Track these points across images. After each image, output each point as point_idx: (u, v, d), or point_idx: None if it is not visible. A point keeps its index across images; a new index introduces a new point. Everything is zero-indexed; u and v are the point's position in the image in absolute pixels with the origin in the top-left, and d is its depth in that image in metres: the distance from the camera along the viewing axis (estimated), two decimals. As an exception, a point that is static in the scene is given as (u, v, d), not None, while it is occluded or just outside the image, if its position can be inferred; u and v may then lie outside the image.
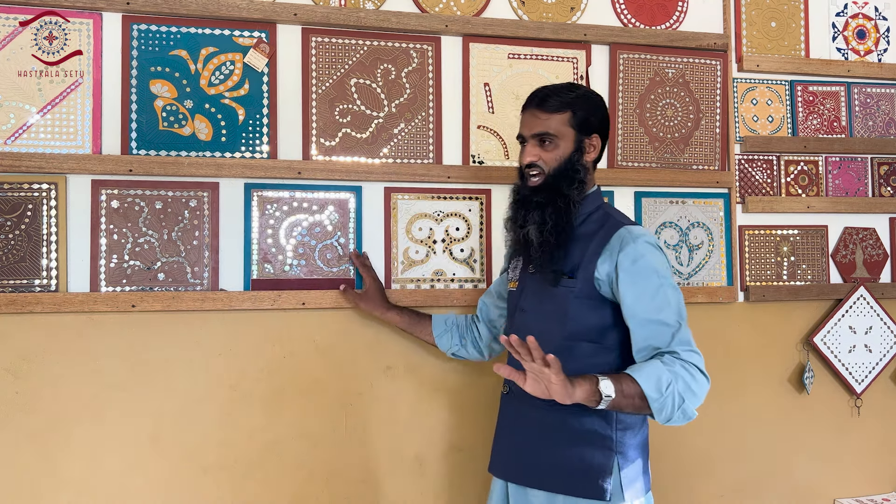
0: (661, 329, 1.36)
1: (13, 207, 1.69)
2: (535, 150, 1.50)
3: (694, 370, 1.33)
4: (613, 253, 1.42)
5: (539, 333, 1.46)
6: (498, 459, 1.60)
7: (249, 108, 1.82)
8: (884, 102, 2.27)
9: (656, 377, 1.29)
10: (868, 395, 2.20)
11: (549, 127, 1.49)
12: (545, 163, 1.50)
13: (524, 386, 1.27)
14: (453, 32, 1.93)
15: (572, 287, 1.45)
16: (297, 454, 1.81)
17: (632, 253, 1.40)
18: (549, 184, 1.49)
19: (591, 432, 1.43)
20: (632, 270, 1.39)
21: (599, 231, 1.48)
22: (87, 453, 1.69)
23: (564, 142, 1.50)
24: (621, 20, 2.07)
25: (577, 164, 1.50)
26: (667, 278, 1.40)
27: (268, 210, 1.82)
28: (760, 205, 2.13)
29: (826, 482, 2.17)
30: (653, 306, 1.37)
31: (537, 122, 1.50)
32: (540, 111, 1.50)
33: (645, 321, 1.37)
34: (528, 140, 1.52)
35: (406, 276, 1.89)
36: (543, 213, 1.48)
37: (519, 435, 1.53)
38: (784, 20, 2.21)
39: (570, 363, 1.42)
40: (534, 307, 1.53)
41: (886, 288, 2.21)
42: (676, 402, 1.30)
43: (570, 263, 1.47)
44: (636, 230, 1.45)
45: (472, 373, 1.92)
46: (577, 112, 1.50)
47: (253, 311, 1.79)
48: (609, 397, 1.27)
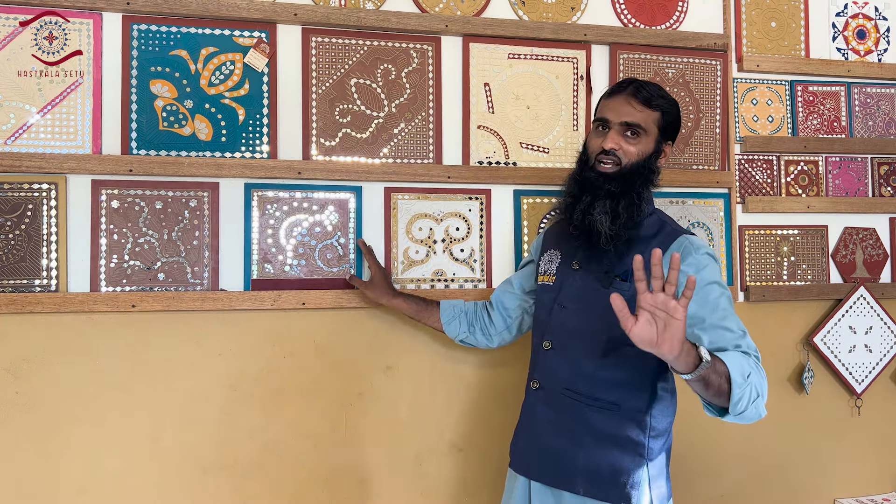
0: (727, 334, 1.33)
1: (13, 207, 1.69)
2: (618, 139, 1.45)
3: (763, 372, 1.29)
4: None
5: (583, 333, 1.46)
6: (523, 456, 1.54)
7: (249, 108, 1.82)
8: (884, 102, 2.27)
9: (740, 364, 1.23)
10: (868, 395, 2.20)
11: (641, 119, 1.45)
12: (625, 154, 1.45)
13: (631, 328, 1.13)
14: (453, 32, 1.93)
15: (626, 291, 1.41)
16: (297, 454, 1.81)
17: (694, 263, 1.38)
18: (623, 175, 1.44)
19: (625, 437, 1.41)
20: (699, 279, 1.37)
21: (657, 237, 1.45)
22: (87, 453, 1.70)
23: (648, 139, 1.46)
24: (621, 20, 2.07)
25: (653, 165, 1.47)
26: (726, 289, 1.39)
27: (268, 210, 1.82)
28: (760, 205, 2.13)
29: (826, 482, 2.17)
30: (717, 315, 1.34)
31: (631, 110, 1.45)
32: (635, 101, 1.45)
33: (711, 326, 1.34)
34: (614, 126, 1.46)
35: (406, 276, 1.89)
36: (617, 204, 1.43)
37: (547, 433, 1.48)
38: (784, 20, 2.21)
39: (615, 368, 1.42)
40: (578, 305, 1.49)
41: (886, 288, 2.21)
42: (753, 395, 1.24)
43: (624, 266, 1.44)
44: (696, 241, 1.43)
45: (472, 373, 1.92)
46: (665, 114, 1.48)
47: (253, 311, 1.79)
48: (707, 363, 1.17)
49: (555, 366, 1.50)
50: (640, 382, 1.43)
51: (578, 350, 1.46)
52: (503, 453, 1.92)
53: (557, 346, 1.50)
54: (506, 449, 1.92)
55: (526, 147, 1.98)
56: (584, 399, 1.44)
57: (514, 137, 1.98)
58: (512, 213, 1.97)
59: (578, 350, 1.46)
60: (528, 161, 1.98)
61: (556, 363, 1.50)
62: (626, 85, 1.48)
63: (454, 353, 1.91)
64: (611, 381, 1.43)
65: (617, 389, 1.43)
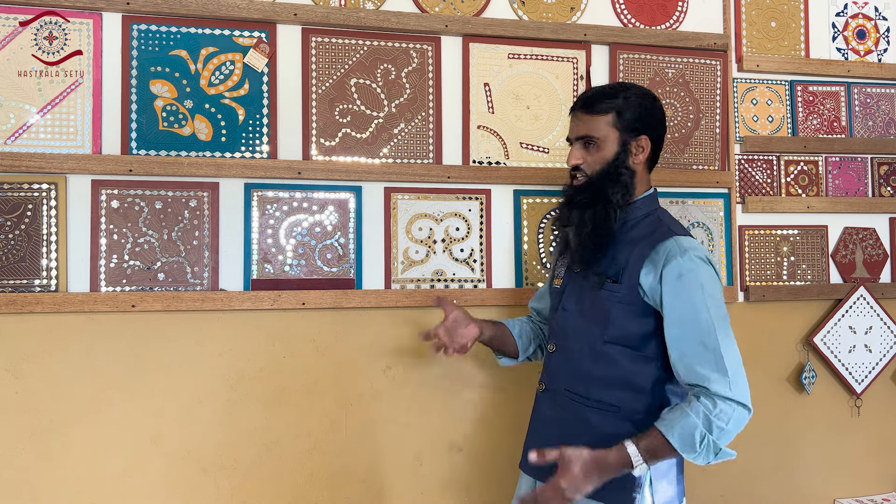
0: (703, 353, 1.32)
1: (13, 207, 1.69)
2: (580, 153, 1.48)
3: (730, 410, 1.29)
4: (658, 264, 1.38)
5: (579, 334, 1.47)
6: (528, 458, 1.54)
7: (249, 108, 1.82)
8: (884, 102, 2.27)
9: (690, 435, 1.29)
10: (868, 395, 2.20)
11: (591, 129, 1.46)
12: (588, 165, 1.47)
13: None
14: (453, 32, 1.93)
15: (616, 292, 1.42)
16: (297, 454, 1.81)
17: (678, 267, 1.36)
18: (592, 185, 1.46)
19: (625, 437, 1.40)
20: (676, 285, 1.35)
21: (648, 238, 1.44)
22: (87, 453, 1.69)
23: (608, 144, 1.46)
24: (621, 20, 2.07)
25: (622, 167, 1.46)
26: (713, 296, 1.35)
27: (268, 210, 1.82)
28: (760, 205, 2.13)
29: (826, 482, 2.17)
30: (696, 327, 1.33)
31: (580, 124, 1.48)
32: (584, 113, 1.47)
33: (686, 341, 1.34)
34: (574, 143, 1.50)
35: (406, 276, 1.89)
36: (583, 215, 1.45)
37: (552, 434, 1.48)
38: (784, 20, 2.21)
39: (610, 369, 1.42)
40: (575, 307, 1.50)
41: (886, 288, 2.21)
42: (712, 451, 1.30)
43: (616, 267, 1.44)
44: (686, 242, 1.39)
45: (472, 373, 1.92)
46: (622, 113, 1.46)
47: (253, 311, 1.79)
48: (640, 464, 1.31)
49: (557, 367, 1.52)
50: (640, 385, 1.42)
51: (576, 351, 1.48)
52: (503, 453, 1.92)
53: (559, 348, 1.53)
54: (505, 449, 1.92)
55: (526, 147, 1.98)
56: (584, 400, 1.45)
57: (514, 137, 1.98)
58: (512, 213, 1.97)
59: (576, 351, 1.48)
60: (528, 161, 1.98)
61: (559, 365, 1.52)
62: (578, 100, 1.51)
63: (454, 353, 1.91)
64: (606, 381, 1.43)
65: (615, 391, 1.42)
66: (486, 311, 1.92)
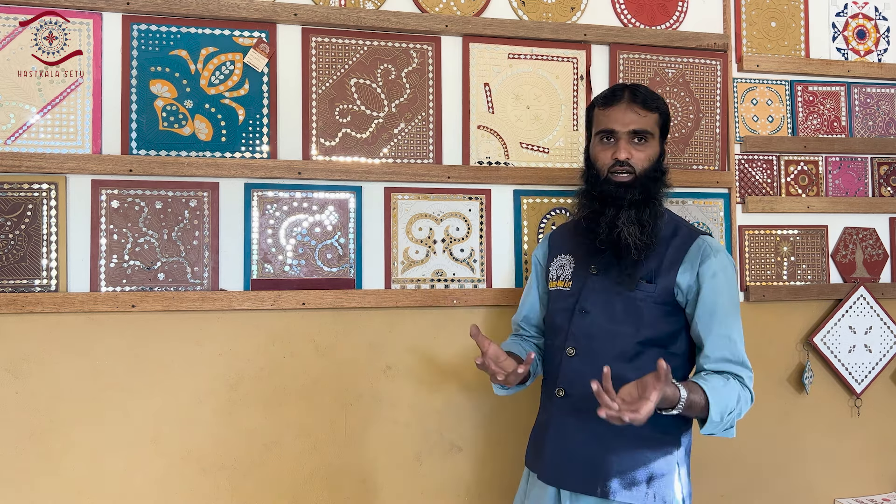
0: (730, 344, 1.40)
1: (13, 207, 1.69)
2: (629, 148, 1.44)
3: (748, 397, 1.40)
4: (695, 264, 1.43)
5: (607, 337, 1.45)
6: (551, 468, 1.47)
7: (249, 108, 1.82)
8: (884, 102, 2.27)
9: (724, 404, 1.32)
10: (868, 395, 2.20)
11: (646, 124, 1.44)
12: (637, 162, 1.44)
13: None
14: (453, 32, 1.93)
15: (651, 292, 1.43)
16: (297, 454, 1.81)
17: (713, 265, 1.42)
18: (641, 183, 1.44)
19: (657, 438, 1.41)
20: (713, 283, 1.41)
21: (675, 238, 1.46)
22: (87, 453, 1.70)
23: (654, 142, 1.46)
24: (621, 20, 2.07)
25: (661, 167, 1.47)
26: (737, 293, 1.45)
27: (268, 210, 1.82)
28: (760, 205, 2.13)
29: (826, 482, 2.17)
30: (726, 321, 1.40)
31: (636, 117, 1.44)
32: (637, 106, 1.44)
33: (718, 335, 1.40)
34: (622, 136, 1.44)
35: (406, 276, 1.89)
36: (641, 214, 1.43)
37: (577, 441, 1.45)
38: (784, 20, 2.21)
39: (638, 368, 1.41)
40: (601, 309, 1.46)
41: (886, 288, 2.21)
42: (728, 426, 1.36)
43: (647, 268, 1.44)
44: (714, 243, 1.47)
45: (471, 373, 1.92)
46: (662, 115, 1.47)
47: (253, 311, 1.79)
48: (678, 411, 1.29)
49: (581, 372, 1.46)
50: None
51: (605, 354, 1.43)
52: (503, 453, 1.92)
53: (581, 353, 1.47)
54: (505, 449, 1.92)
55: (526, 147, 1.98)
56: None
57: (514, 137, 1.98)
58: (512, 213, 1.97)
59: (605, 354, 1.43)
60: (528, 161, 1.98)
61: (582, 369, 1.46)
62: (620, 92, 1.47)
63: (454, 353, 1.91)
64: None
65: None
66: (486, 311, 1.92)
